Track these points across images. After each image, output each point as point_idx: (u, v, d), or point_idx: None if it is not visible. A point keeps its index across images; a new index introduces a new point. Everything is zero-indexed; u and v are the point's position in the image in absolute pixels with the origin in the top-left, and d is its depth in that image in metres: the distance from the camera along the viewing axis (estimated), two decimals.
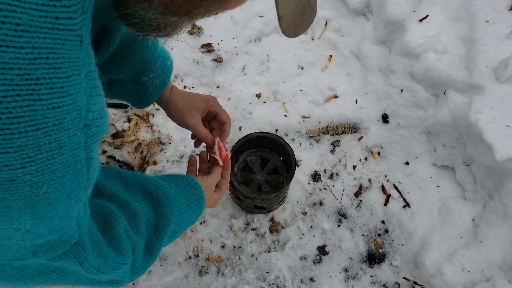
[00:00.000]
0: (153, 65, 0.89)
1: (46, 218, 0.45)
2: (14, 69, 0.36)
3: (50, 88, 0.39)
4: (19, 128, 0.38)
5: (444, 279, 1.20)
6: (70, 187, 0.45)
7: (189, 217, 0.79)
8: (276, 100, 1.59)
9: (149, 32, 0.52)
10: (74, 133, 0.43)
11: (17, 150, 0.38)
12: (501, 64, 1.26)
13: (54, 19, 0.38)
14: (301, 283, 1.32)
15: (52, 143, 0.40)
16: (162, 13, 0.47)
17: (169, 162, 1.48)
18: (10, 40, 0.35)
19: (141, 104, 0.95)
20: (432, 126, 1.44)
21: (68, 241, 0.53)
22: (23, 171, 0.39)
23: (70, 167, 0.43)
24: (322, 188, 1.46)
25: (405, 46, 1.44)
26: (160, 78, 0.91)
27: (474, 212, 1.30)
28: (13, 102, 0.36)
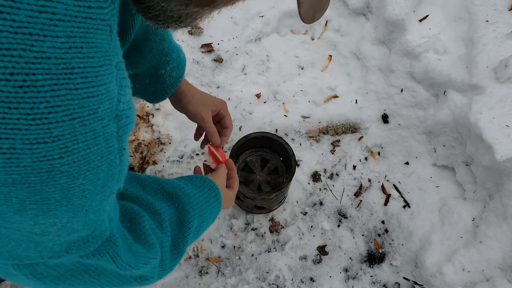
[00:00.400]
0: (169, 57, 0.91)
1: (81, 212, 0.46)
2: (51, 58, 0.36)
3: (85, 77, 0.39)
4: (57, 117, 0.38)
5: (444, 279, 1.20)
6: (105, 179, 0.45)
7: (209, 213, 0.80)
8: (276, 100, 1.59)
9: (170, 24, 0.52)
10: (107, 123, 0.43)
11: (54, 140, 0.38)
12: (501, 64, 1.26)
13: (87, 8, 0.38)
14: (301, 283, 1.32)
15: (87, 133, 0.41)
16: (184, 4, 0.47)
17: (169, 162, 1.48)
18: (47, 29, 0.35)
19: (157, 97, 0.95)
20: (432, 126, 1.44)
21: (100, 236, 0.53)
22: (61, 161, 0.40)
23: (104, 157, 0.44)
24: (322, 188, 1.46)
25: (405, 46, 1.44)
26: (176, 70, 0.93)
27: (474, 212, 1.30)
28: (50, 92, 0.37)
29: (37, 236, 0.46)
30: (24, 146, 0.37)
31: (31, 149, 0.38)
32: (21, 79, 0.35)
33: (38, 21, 0.35)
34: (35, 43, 0.35)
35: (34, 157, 0.38)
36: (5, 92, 0.35)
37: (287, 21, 1.73)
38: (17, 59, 0.34)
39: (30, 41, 0.35)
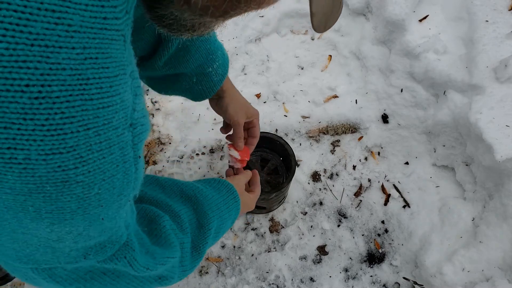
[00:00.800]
0: (215, 55, 0.92)
1: (97, 221, 0.46)
2: (66, 69, 0.36)
3: (100, 88, 0.39)
4: (72, 128, 0.38)
5: (444, 279, 1.20)
6: (120, 187, 0.45)
7: (228, 215, 0.81)
8: (276, 100, 1.59)
9: (183, 32, 0.53)
10: (122, 132, 0.43)
11: (69, 150, 0.38)
12: (501, 64, 1.26)
13: (102, 20, 0.38)
14: (301, 283, 1.32)
15: (102, 142, 0.41)
16: (199, 15, 0.47)
17: (169, 162, 1.48)
18: (62, 41, 0.36)
19: (202, 95, 0.97)
20: (432, 126, 1.44)
21: (118, 241, 0.53)
22: (76, 171, 0.40)
23: (119, 166, 0.44)
24: (322, 188, 1.46)
25: (405, 46, 1.44)
26: (222, 67, 0.95)
27: (474, 212, 1.30)
28: (65, 102, 0.37)
29: (54, 242, 0.46)
30: (39, 156, 0.37)
31: (46, 159, 0.38)
32: (36, 90, 0.35)
33: (54, 33, 0.35)
34: (51, 55, 0.35)
35: (49, 168, 0.38)
36: (21, 104, 0.35)
37: (287, 21, 1.73)
38: (33, 71, 0.35)
39: (46, 53, 0.35)
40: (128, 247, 0.55)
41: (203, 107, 1.56)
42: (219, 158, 1.49)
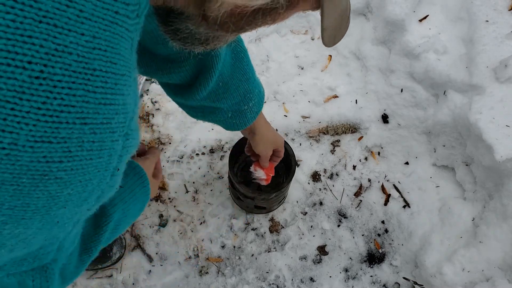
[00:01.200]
0: (252, 94, 0.94)
1: (51, 223, 0.43)
2: (73, 54, 0.35)
3: (105, 82, 0.38)
4: (68, 118, 0.36)
5: (444, 279, 1.20)
6: (89, 193, 0.43)
7: (133, 206, 0.74)
8: (276, 100, 1.59)
9: (197, 46, 0.52)
10: (117, 138, 0.41)
11: (60, 141, 0.36)
12: (501, 64, 1.26)
13: (114, 13, 0.38)
14: (301, 283, 1.32)
15: (95, 143, 0.39)
16: (215, 29, 0.47)
17: (169, 162, 1.48)
18: (72, 24, 0.35)
19: (235, 127, 1.00)
20: (432, 126, 1.44)
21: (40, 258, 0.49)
22: (59, 166, 0.37)
23: (100, 172, 0.42)
24: (322, 188, 1.46)
25: (405, 46, 1.44)
26: (257, 105, 0.97)
27: (474, 212, 1.30)
28: (67, 89, 0.35)
29: None
30: (27, 143, 0.35)
31: (33, 147, 0.35)
32: (38, 69, 0.34)
33: (64, 15, 0.34)
34: (59, 36, 0.34)
35: (34, 157, 0.36)
36: (20, 81, 0.33)
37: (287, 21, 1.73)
38: (38, 48, 0.33)
39: (53, 32, 0.34)
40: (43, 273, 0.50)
41: None
42: (219, 158, 1.49)
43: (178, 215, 1.40)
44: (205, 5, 0.43)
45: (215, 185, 1.45)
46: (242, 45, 0.88)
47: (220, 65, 0.82)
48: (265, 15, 0.46)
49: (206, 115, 0.96)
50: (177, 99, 0.94)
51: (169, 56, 0.80)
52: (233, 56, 0.87)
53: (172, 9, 0.48)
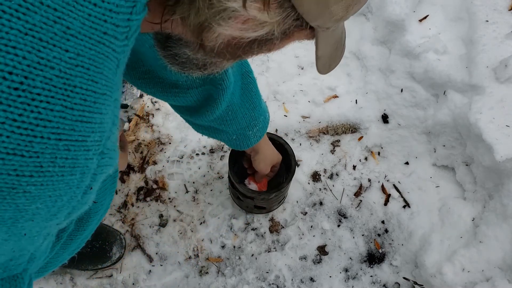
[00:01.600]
0: (257, 121, 0.99)
1: (18, 235, 0.42)
2: (55, 69, 0.35)
3: (84, 100, 0.37)
4: (43, 132, 0.35)
5: (444, 279, 1.20)
6: (59, 208, 0.42)
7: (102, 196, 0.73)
8: (276, 100, 1.59)
9: (195, 71, 0.53)
10: (91, 157, 0.41)
11: (32, 155, 0.36)
12: (501, 64, 1.26)
13: (102, 34, 0.38)
14: (301, 283, 1.32)
15: (68, 159, 0.38)
16: (212, 56, 0.48)
17: (169, 162, 1.48)
18: (58, 40, 0.35)
19: (237, 147, 1.06)
20: (432, 126, 1.44)
21: (9, 269, 0.48)
22: (29, 180, 0.37)
23: (71, 189, 0.41)
24: (322, 188, 1.46)
25: (405, 46, 1.44)
26: (261, 130, 1.03)
27: (474, 212, 1.30)
28: (45, 103, 0.35)
29: None
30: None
31: (4, 159, 0.35)
32: (18, 80, 0.33)
33: (51, 30, 0.34)
34: (43, 50, 0.34)
35: (4, 169, 0.35)
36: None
37: None
38: (20, 59, 0.33)
39: (38, 45, 0.34)
40: (14, 282, 0.50)
41: None
42: (219, 158, 1.49)
43: (178, 215, 1.40)
44: (202, 35, 0.44)
45: (215, 185, 1.45)
46: (252, 76, 0.94)
47: (227, 98, 0.86)
48: (261, 46, 0.47)
49: (211, 133, 1.01)
50: (183, 116, 0.99)
51: (176, 82, 0.83)
52: (243, 87, 0.92)
53: (170, 35, 0.49)
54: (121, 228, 1.38)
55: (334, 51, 0.52)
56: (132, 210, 1.41)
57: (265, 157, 1.14)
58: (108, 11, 0.38)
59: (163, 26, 0.47)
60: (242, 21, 0.42)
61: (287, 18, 0.43)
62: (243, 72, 0.91)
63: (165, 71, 0.79)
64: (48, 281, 1.29)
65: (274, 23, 0.43)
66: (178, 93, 0.85)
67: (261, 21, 0.42)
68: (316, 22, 0.44)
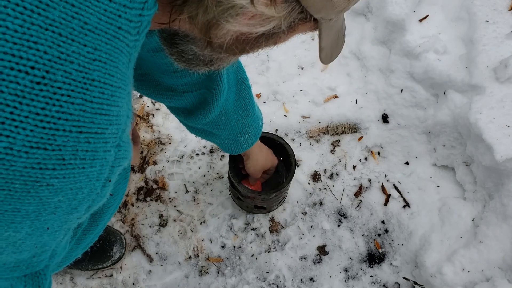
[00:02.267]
0: (250, 128, 1.00)
1: (41, 229, 0.43)
2: (74, 63, 0.36)
3: (102, 93, 0.39)
4: (65, 125, 0.36)
5: (444, 279, 1.20)
6: (79, 201, 0.43)
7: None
8: (276, 100, 1.59)
9: (201, 67, 0.54)
10: (109, 149, 0.42)
11: (55, 148, 0.37)
12: (501, 64, 1.26)
13: (117, 28, 0.39)
14: (301, 283, 1.32)
15: (88, 152, 0.39)
16: (219, 53, 0.49)
17: (169, 162, 1.48)
18: (76, 35, 0.36)
19: (229, 151, 1.08)
20: (432, 126, 1.44)
21: (33, 266, 0.49)
22: (52, 173, 0.38)
23: (91, 181, 0.42)
24: (322, 188, 1.46)
25: (405, 46, 1.44)
26: (253, 137, 1.04)
27: (474, 212, 1.30)
28: (66, 96, 0.36)
29: None
30: (23, 148, 0.35)
31: (28, 152, 0.35)
32: (40, 75, 0.34)
33: (69, 25, 0.35)
34: (62, 44, 0.35)
35: (28, 163, 0.36)
36: (21, 86, 0.34)
37: None
38: (42, 54, 0.34)
39: (58, 40, 0.35)
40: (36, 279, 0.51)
41: None
42: (219, 158, 1.49)
43: (178, 215, 1.40)
44: (210, 33, 0.45)
45: (215, 185, 1.45)
46: (247, 83, 0.94)
47: (221, 103, 0.87)
48: (268, 39, 0.48)
49: (204, 135, 1.03)
50: (178, 117, 1.00)
51: (171, 86, 0.84)
52: (237, 93, 0.92)
53: (177, 32, 0.50)
54: (121, 228, 1.38)
55: (335, 41, 0.54)
56: (132, 210, 1.41)
57: (255, 163, 1.17)
58: (122, 7, 0.39)
59: (171, 24, 0.47)
60: (250, 17, 0.43)
61: (293, 12, 0.44)
62: (238, 79, 0.92)
63: (161, 75, 0.80)
64: None
65: (281, 17, 0.44)
66: (173, 96, 0.86)
67: (268, 16, 0.43)
68: (320, 14, 0.46)
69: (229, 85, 0.89)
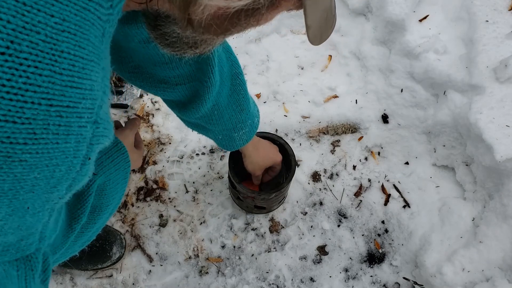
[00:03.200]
0: (244, 124, 0.99)
1: (21, 209, 0.42)
2: (40, 33, 0.35)
3: (72, 65, 0.38)
4: (34, 97, 0.35)
5: (444, 279, 1.20)
6: (58, 180, 0.42)
7: (115, 170, 0.74)
8: (276, 100, 1.59)
9: (186, 50, 0.53)
10: (84, 125, 0.41)
11: (25, 122, 0.35)
12: (501, 64, 1.26)
13: (87, 0, 0.38)
14: (301, 283, 1.32)
15: (61, 126, 0.38)
16: (201, 32, 0.48)
17: (169, 162, 1.48)
18: (42, 5, 0.35)
19: (223, 148, 1.07)
20: (432, 126, 1.44)
21: (22, 249, 0.49)
22: (23, 148, 0.36)
23: (68, 158, 0.41)
24: (322, 188, 1.46)
25: (405, 46, 1.44)
26: (248, 134, 1.02)
27: (474, 212, 1.30)
28: (33, 68, 0.35)
29: None
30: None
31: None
32: (4, 45, 0.33)
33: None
34: (27, 14, 0.34)
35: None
36: None
37: (287, 21, 1.73)
38: (5, 24, 0.33)
39: (22, 10, 0.34)
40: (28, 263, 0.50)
41: None
42: (219, 158, 1.49)
43: (178, 215, 1.40)
44: (189, 9, 0.44)
45: (215, 185, 1.45)
46: (242, 78, 0.92)
47: (213, 96, 0.86)
48: (248, 16, 0.47)
49: (200, 130, 1.02)
50: (174, 111, 0.99)
51: (164, 79, 0.83)
52: (231, 88, 0.91)
53: (159, 13, 0.49)
54: (121, 228, 1.38)
55: (324, 21, 0.52)
56: (132, 210, 1.41)
57: (253, 161, 1.16)
58: None
59: (149, 4, 0.47)
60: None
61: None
62: (233, 73, 0.90)
63: (154, 67, 0.79)
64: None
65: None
66: (167, 89, 0.85)
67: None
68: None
69: (223, 79, 0.88)
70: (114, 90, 1.57)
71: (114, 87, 1.57)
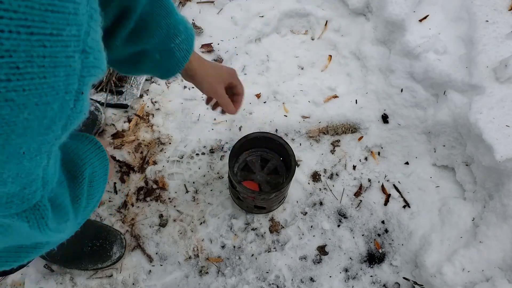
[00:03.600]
0: (177, 30, 0.88)
1: (17, 154, 0.38)
2: None
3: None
4: (10, 25, 0.31)
5: (444, 279, 1.20)
6: (51, 120, 0.39)
7: (98, 164, 0.71)
8: (276, 100, 1.59)
9: None
10: (72, 55, 0.37)
11: (4, 55, 0.31)
12: (501, 64, 1.26)
13: None
14: (301, 283, 1.32)
15: (46, 58, 0.35)
16: None
17: (169, 162, 1.48)
18: None
19: (169, 73, 0.94)
20: (432, 126, 1.44)
21: (27, 199, 0.46)
22: (8, 85, 0.32)
23: (59, 94, 0.38)
24: (322, 188, 1.46)
25: (405, 46, 1.44)
26: (186, 42, 0.91)
27: (474, 212, 1.30)
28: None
29: None
30: None
31: None
32: None
33: None
34: None
35: None
36: None
37: (287, 21, 1.73)
38: None
39: None
40: (37, 212, 0.47)
41: (203, 107, 1.56)
42: (219, 158, 1.49)
43: (178, 215, 1.40)
44: None
45: (215, 185, 1.45)
46: None
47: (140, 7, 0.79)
48: None
49: (136, 65, 0.91)
50: (112, 66, 0.91)
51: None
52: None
53: None
54: (121, 228, 1.38)
55: None
56: (132, 210, 1.41)
57: (204, 75, 1.00)
58: None
59: None
60: None
61: None
62: None
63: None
64: (48, 281, 1.29)
65: None
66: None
67: None
68: None
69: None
70: (114, 90, 1.57)
71: (114, 87, 1.57)
